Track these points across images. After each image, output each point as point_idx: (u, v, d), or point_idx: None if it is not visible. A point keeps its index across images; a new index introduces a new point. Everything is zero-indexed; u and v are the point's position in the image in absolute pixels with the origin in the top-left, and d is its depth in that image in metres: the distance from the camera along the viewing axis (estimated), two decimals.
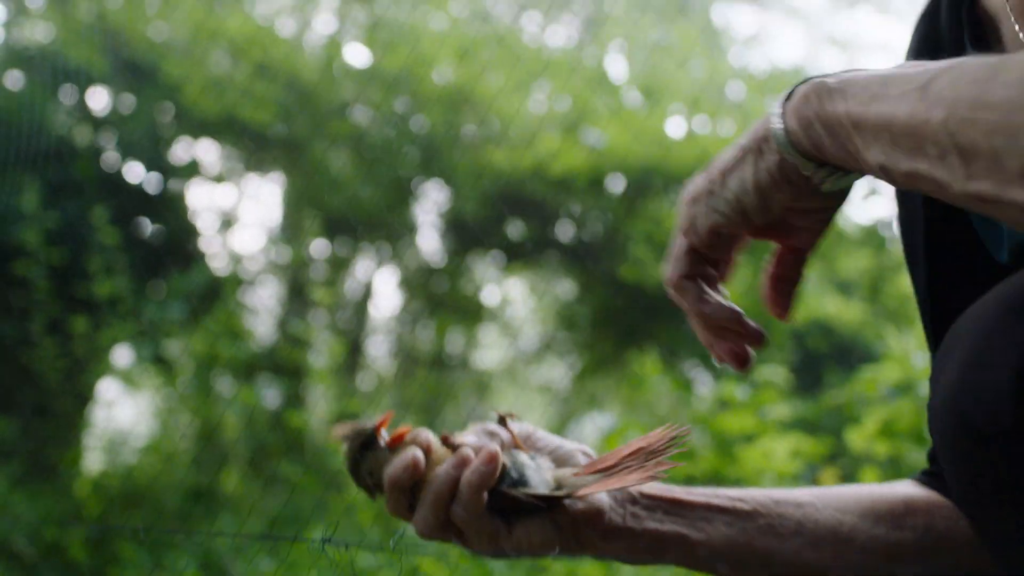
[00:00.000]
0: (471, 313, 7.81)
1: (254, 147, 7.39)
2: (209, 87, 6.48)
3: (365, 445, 1.05)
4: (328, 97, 6.69)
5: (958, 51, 1.06)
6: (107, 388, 6.74)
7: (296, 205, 7.44)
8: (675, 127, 6.02)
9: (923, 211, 1.12)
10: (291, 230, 7.56)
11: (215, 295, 5.97)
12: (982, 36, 1.07)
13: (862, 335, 5.72)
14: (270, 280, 7.98)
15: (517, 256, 7.18)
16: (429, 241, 7.61)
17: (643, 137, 4.89)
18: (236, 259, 7.35)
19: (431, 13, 7.55)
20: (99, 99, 6.95)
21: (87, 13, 6.63)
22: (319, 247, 7.61)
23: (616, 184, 5.41)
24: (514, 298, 8.38)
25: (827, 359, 5.56)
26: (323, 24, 8.77)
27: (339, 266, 7.91)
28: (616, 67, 6.93)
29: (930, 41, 1.12)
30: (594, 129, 4.74)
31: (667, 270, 1.06)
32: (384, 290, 8.53)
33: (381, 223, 6.73)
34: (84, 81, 6.27)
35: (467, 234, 6.85)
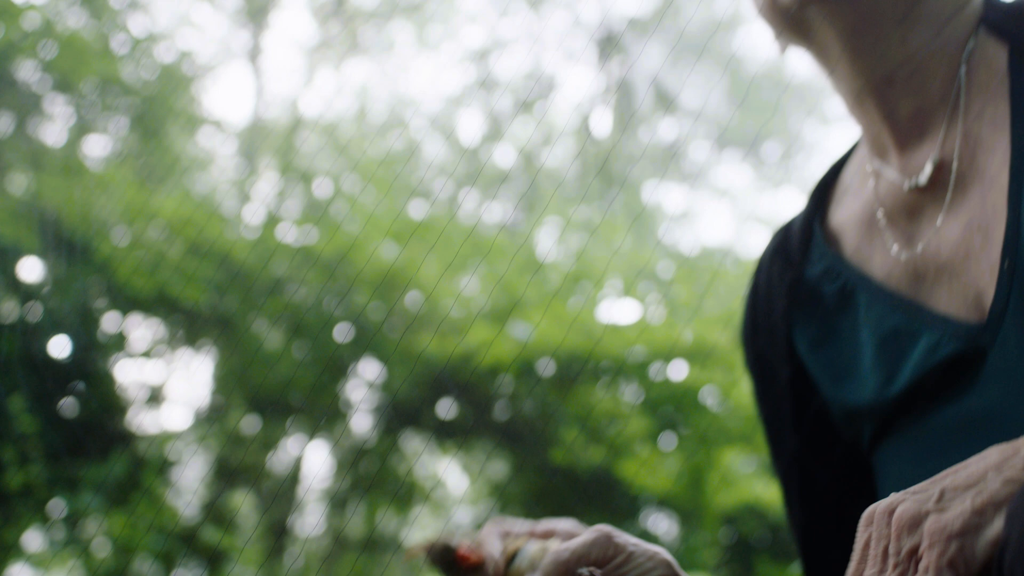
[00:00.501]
0: (403, 493, 7.69)
1: (186, 323, 7.36)
2: (143, 264, 6.50)
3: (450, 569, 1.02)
4: (262, 275, 6.74)
5: (803, 256, 1.14)
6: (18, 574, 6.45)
7: (226, 382, 7.36)
8: (604, 313, 6.14)
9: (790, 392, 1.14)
10: (220, 407, 7.46)
11: (138, 474, 5.82)
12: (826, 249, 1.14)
13: None
14: (197, 458, 7.81)
15: (450, 436, 7.14)
16: (361, 420, 7.55)
17: (571, 326, 4.97)
18: (162, 437, 7.21)
19: (368, 193, 7.72)
20: (30, 273, 6.91)
21: (20, 189, 6.67)
22: (248, 424, 7.50)
23: (546, 368, 5.47)
24: (447, 478, 8.28)
25: (760, 546, 5.53)
26: (260, 203, 8.90)
27: (268, 444, 7.78)
28: (548, 249, 7.10)
29: (781, 253, 1.20)
30: (522, 321, 4.83)
31: None
32: (314, 468, 8.38)
33: (313, 401, 6.67)
34: (13, 257, 6.25)
35: (399, 414, 6.81)
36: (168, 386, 7.62)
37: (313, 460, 8.84)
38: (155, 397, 7.39)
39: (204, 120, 8.12)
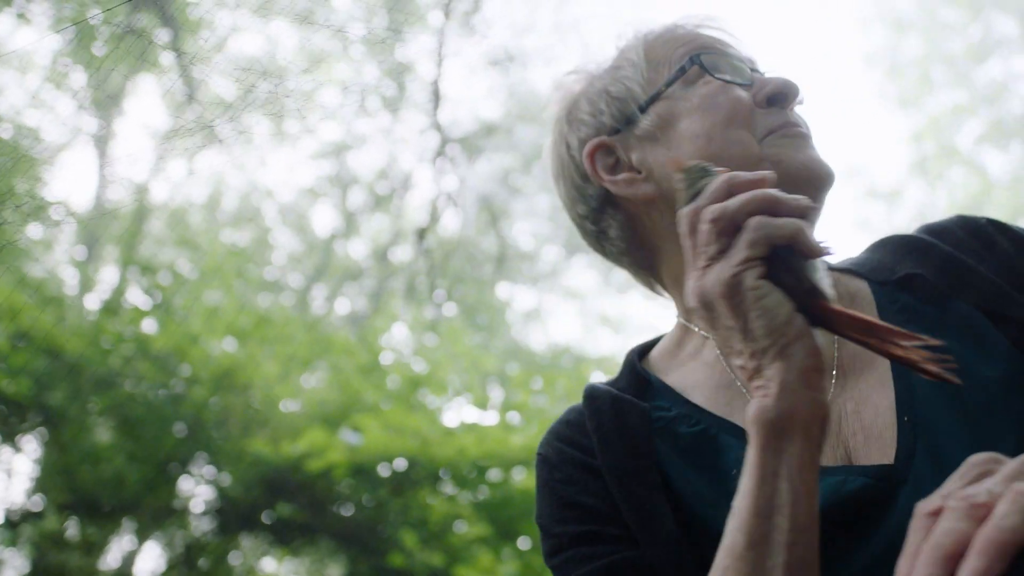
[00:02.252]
0: None
1: (8, 416, 6.99)
2: None
3: (705, 172, 1.04)
4: (95, 367, 6.48)
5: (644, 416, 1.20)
6: None
7: (49, 478, 6.99)
8: (445, 416, 6.12)
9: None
10: (41, 505, 7.05)
11: None
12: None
13: None
14: (14, 559, 7.35)
15: (287, 538, 6.93)
16: (196, 520, 7.26)
17: (403, 432, 4.94)
18: None
19: (213, 285, 7.56)
20: None
21: None
22: (73, 524, 7.11)
23: (382, 471, 5.40)
24: None
25: None
26: (99, 292, 8.61)
27: (95, 545, 7.38)
28: (393, 349, 7.08)
29: (620, 400, 1.24)
30: (358, 425, 4.76)
31: None
32: (146, 569, 7.98)
33: (145, 500, 6.39)
34: None
35: (235, 514, 6.59)
36: None
37: (144, 561, 8.43)
38: None
39: (45, 203, 7.86)
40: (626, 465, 1.19)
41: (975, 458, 0.83)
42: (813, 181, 1.19)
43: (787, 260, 0.96)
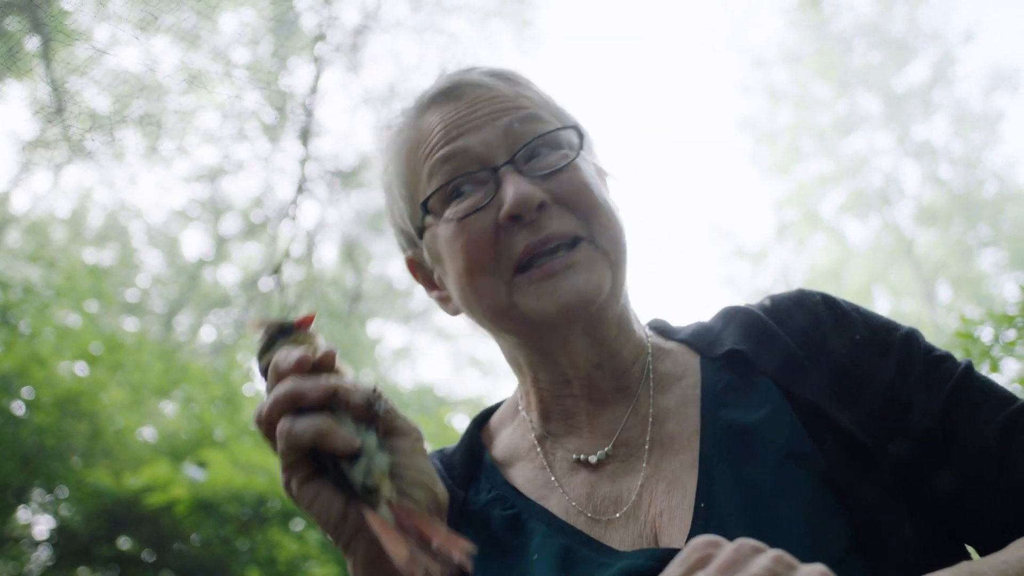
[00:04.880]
0: None
1: None
2: None
3: (282, 332, 1.04)
4: None
5: (467, 485, 1.26)
6: None
7: None
8: None
9: None
10: None
11: None
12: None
13: None
14: None
15: (130, 572, 6.65)
16: (31, 551, 6.89)
17: (252, 469, 4.82)
18: None
19: (63, 308, 7.26)
20: None
21: None
22: None
23: (231, 508, 5.23)
24: None
25: None
26: None
27: None
28: (250, 382, 6.91)
29: (445, 480, 1.27)
30: (198, 465, 4.62)
31: None
32: None
33: None
34: None
35: (73, 546, 6.29)
36: None
37: None
38: None
39: None
40: None
41: (696, 542, 0.88)
42: (570, 322, 1.16)
43: (332, 457, 0.97)
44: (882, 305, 16.75)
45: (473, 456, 1.31)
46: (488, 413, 1.40)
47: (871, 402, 1.14)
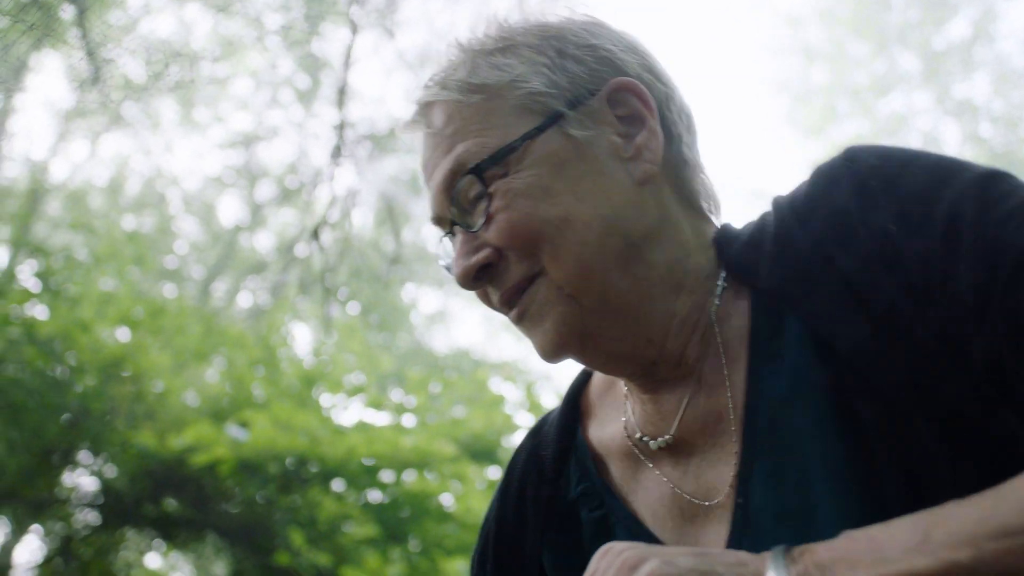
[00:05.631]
0: None
1: None
2: None
3: None
4: None
5: (558, 473, 1.16)
6: None
7: None
8: (339, 415, 6.06)
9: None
10: None
11: None
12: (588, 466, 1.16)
13: None
14: None
15: (172, 533, 6.79)
16: (78, 511, 7.05)
17: (293, 429, 4.87)
18: None
19: (105, 275, 7.36)
20: None
21: None
22: None
23: (272, 469, 5.31)
24: (167, 573, 7.84)
25: None
26: None
27: None
28: (291, 345, 6.99)
29: (535, 461, 1.20)
30: (239, 426, 4.68)
31: None
32: (25, 562, 7.73)
33: (25, 488, 6.18)
34: None
35: (118, 507, 6.42)
36: None
37: (23, 552, 8.17)
38: None
39: None
40: (505, 552, 1.18)
41: (611, 547, 0.87)
42: (564, 360, 1.08)
43: None
44: None
45: (567, 432, 1.19)
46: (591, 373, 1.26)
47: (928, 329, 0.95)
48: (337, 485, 5.45)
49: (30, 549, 8.14)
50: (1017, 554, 0.79)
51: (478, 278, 1.07)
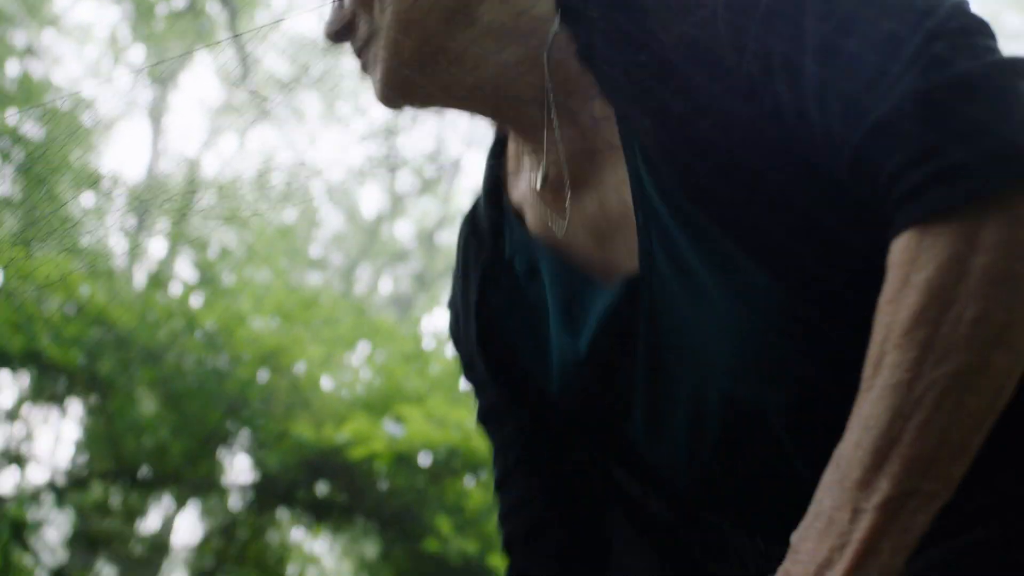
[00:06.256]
0: (273, 568, 7.49)
1: (58, 384, 7.12)
2: (14, 318, 6.26)
3: None
4: (142, 338, 6.56)
5: (495, 237, 1.17)
6: None
7: (94, 445, 7.11)
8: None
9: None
10: (85, 471, 7.19)
11: None
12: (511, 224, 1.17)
13: None
14: (59, 521, 7.51)
15: (325, 516, 7.02)
16: (236, 494, 7.36)
17: (446, 424, 4.96)
18: (21, 498, 6.92)
19: (256, 267, 7.64)
20: None
21: None
22: (115, 490, 7.24)
23: (423, 459, 5.43)
24: (320, 557, 8.11)
25: None
26: (146, 265, 8.73)
27: (135, 512, 7.51)
28: (435, 334, 7.11)
29: (475, 233, 1.21)
30: (395, 420, 4.78)
31: None
32: (183, 539, 8.13)
33: (186, 471, 6.49)
34: None
35: (274, 490, 6.67)
36: (31, 446, 7.35)
37: (182, 531, 8.57)
38: (17, 457, 7.11)
39: (98, 174, 7.91)
40: (460, 304, 1.22)
41: None
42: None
43: None
44: None
45: (494, 198, 1.19)
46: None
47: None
48: (483, 474, 5.53)
49: (190, 528, 8.55)
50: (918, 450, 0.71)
51: (338, 37, 1.09)
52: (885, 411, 0.72)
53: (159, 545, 7.88)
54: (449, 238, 15.87)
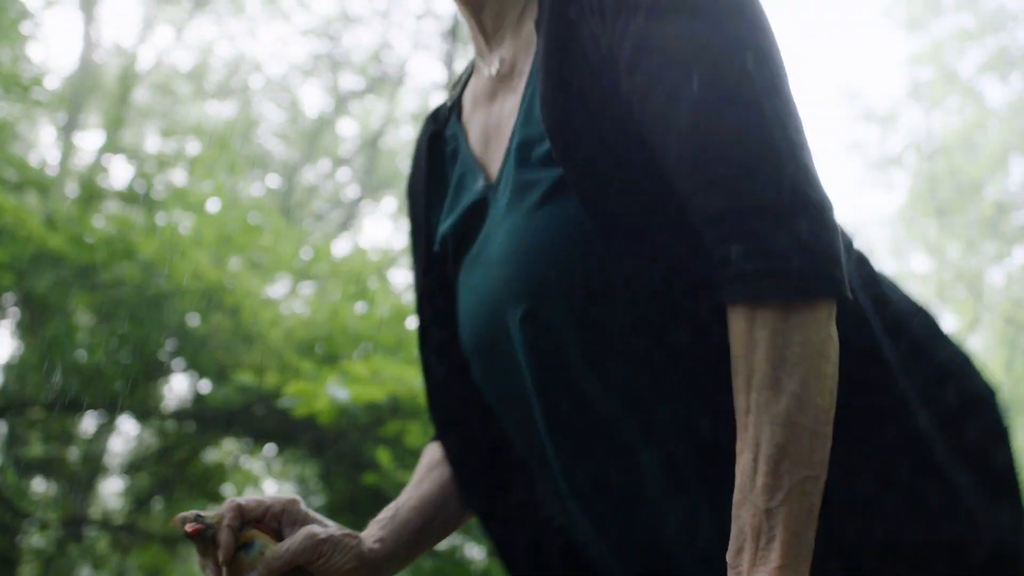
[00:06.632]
0: (210, 488, 7.51)
1: None
2: None
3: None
4: (78, 259, 6.39)
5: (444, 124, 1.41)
6: None
7: (28, 367, 6.99)
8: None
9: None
10: (19, 393, 7.07)
11: None
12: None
13: None
14: None
15: (266, 441, 7.04)
16: (174, 417, 7.32)
17: (390, 380, 4.96)
18: None
19: (196, 175, 7.42)
20: None
21: None
22: (50, 412, 7.15)
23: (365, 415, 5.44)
24: (259, 480, 8.15)
25: None
26: (79, 174, 8.46)
27: (69, 433, 7.46)
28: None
29: (432, 117, 1.45)
30: (340, 386, 4.76)
31: None
32: (119, 460, 8.11)
33: (124, 393, 6.42)
34: None
35: (214, 418, 6.65)
36: None
37: (118, 450, 8.56)
38: None
39: (26, 79, 7.56)
40: (412, 188, 1.44)
41: None
42: None
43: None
44: (1018, 173, 15.99)
45: (455, 96, 1.42)
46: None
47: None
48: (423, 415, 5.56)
49: (126, 449, 8.53)
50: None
51: None
52: (768, 432, 0.96)
53: (95, 466, 7.85)
54: (392, 142, 15.59)
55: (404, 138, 15.04)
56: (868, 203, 25.40)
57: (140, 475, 7.55)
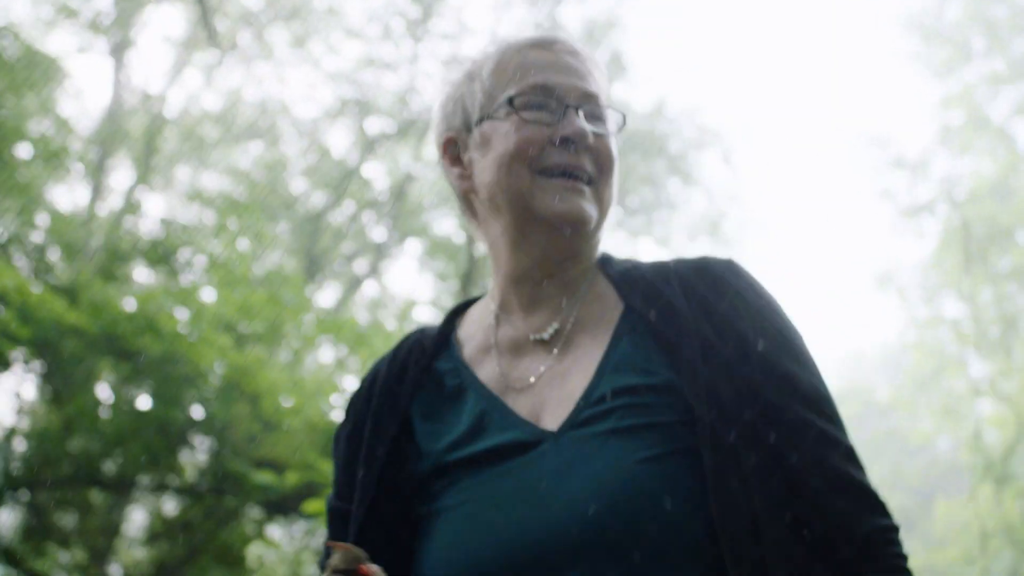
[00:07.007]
0: (234, 556, 7.46)
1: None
2: None
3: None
4: (99, 333, 6.36)
5: (433, 357, 1.55)
6: None
7: (52, 440, 6.95)
8: None
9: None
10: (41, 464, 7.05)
11: None
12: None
13: None
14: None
15: (280, 511, 6.96)
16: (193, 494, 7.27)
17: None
18: None
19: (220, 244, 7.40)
20: None
21: None
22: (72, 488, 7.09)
23: None
24: (278, 541, 8.07)
25: None
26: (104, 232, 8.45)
27: (91, 507, 7.41)
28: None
29: (419, 345, 1.57)
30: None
31: None
32: (138, 533, 8.05)
33: (145, 471, 6.38)
34: None
35: (233, 493, 6.61)
36: None
37: (137, 524, 8.48)
38: None
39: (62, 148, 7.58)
40: (378, 417, 1.51)
41: None
42: (563, 227, 1.46)
43: None
44: None
45: (444, 333, 1.59)
46: (469, 303, 1.68)
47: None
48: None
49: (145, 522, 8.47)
50: None
51: (565, 141, 1.47)
52: None
53: (113, 537, 7.81)
54: (419, 187, 15.59)
55: (431, 180, 15.04)
56: (899, 248, 25.23)
57: (160, 544, 7.51)
